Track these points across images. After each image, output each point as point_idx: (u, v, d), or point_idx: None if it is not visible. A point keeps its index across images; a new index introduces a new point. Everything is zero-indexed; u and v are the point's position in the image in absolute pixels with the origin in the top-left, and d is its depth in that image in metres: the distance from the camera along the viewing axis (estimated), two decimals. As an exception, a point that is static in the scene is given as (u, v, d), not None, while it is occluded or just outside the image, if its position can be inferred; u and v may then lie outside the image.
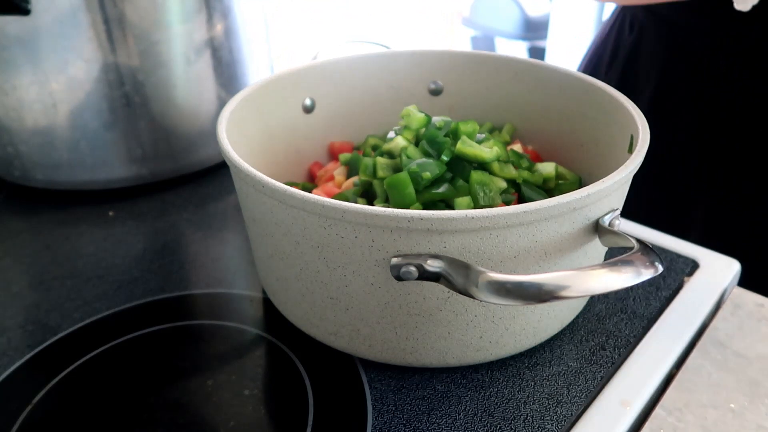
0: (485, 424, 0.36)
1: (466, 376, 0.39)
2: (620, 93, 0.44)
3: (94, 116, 0.56)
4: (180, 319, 0.45)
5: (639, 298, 0.46)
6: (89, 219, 0.58)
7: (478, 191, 0.40)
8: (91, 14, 0.53)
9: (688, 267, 0.49)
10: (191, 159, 0.63)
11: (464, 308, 0.35)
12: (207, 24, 0.59)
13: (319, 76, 0.53)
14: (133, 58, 0.56)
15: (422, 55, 0.55)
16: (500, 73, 0.53)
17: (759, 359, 0.41)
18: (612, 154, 0.44)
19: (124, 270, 0.50)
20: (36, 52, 0.53)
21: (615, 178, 0.34)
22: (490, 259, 0.33)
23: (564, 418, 0.36)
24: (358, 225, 0.32)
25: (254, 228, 0.40)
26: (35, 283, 0.49)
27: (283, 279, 0.40)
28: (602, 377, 0.39)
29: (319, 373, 0.40)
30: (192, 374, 0.40)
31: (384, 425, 0.36)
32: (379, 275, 0.34)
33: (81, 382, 0.40)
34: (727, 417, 0.37)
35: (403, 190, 0.39)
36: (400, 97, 0.56)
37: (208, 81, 0.61)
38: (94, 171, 0.59)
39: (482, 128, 0.53)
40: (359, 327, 0.38)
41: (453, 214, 0.31)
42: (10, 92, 0.55)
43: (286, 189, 0.33)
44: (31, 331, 0.44)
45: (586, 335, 0.42)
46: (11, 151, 0.58)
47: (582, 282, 0.29)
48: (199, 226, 0.56)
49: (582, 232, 0.35)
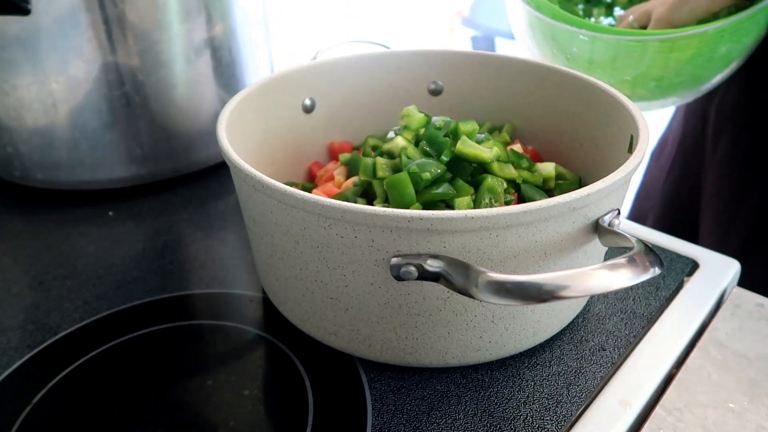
0: (485, 424, 0.36)
1: (466, 376, 0.39)
2: (620, 93, 0.44)
3: (93, 116, 0.56)
4: (180, 319, 0.45)
5: (639, 298, 0.46)
6: (89, 219, 0.58)
7: (484, 196, 0.40)
8: (91, 14, 0.53)
9: (688, 267, 0.49)
10: (191, 159, 0.63)
11: (464, 308, 0.35)
12: (207, 24, 0.59)
13: (319, 76, 0.53)
14: (133, 58, 0.56)
15: (422, 55, 0.55)
16: (500, 73, 0.53)
17: (759, 359, 0.41)
18: (612, 154, 0.44)
19: (124, 270, 0.50)
20: (36, 52, 0.53)
21: (615, 178, 0.34)
22: (490, 259, 0.33)
23: (564, 418, 0.36)
24: (358, 225, 0.32)
25: (254, 228, 0.40)
26: (35, 283, 0.49)
27: (283, 279, 0.40)
28: (602, 377, 0.39)
29: (319, 373, 0.40)
30: (192, 374, 0.40)
31: (384, 425, 0.36)
32: (379, 275, 0.34)
33: (81, 382, 0.40)
34: (727, 417, 0.37)
35: (403, 190, 0.39)
36: (400, 97, 0.56)
37: (208, 81, 0.61)
38: (94, 171, 0.59)
39: (482, 128, 0.53)
40: (359, 327, 0.38)
41: (453, 214, 0.31)
42: (10, 92, 0.55)
43: (286, 189, 0.33)
44: (31, 331, 0.44)
45: (586, 335, 0.42)
46: (11, 151, 0.58)
47: (582, 282, 0.29)
48: (199, 226, 0.56)
49: (582, 232, 0.35)
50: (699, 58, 0.57)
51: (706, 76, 0.60)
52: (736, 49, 0.58)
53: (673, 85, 0.61)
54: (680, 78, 0.60)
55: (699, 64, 0.58)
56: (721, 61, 0.59)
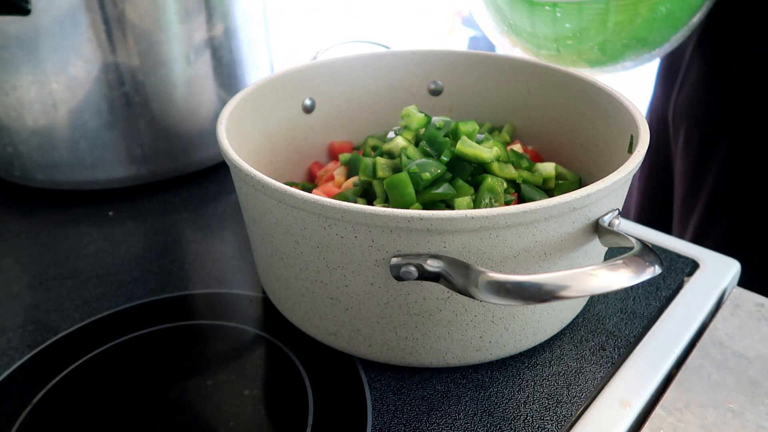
0: (485, 424, 0.36)
1: (466, 376, 0.39)
2: (620, 93, 0.44)
3: (93, 116, 0.56)
4: (180, 319, 0.45)
5: (639, 298, 0.46)
6: (89, 219, 0.58)
7: (484, 196, 0.40)
8: (91, 14, 0.53)
9: (688, 267, 0.49)
10: (191, 159, 0.63)
11: (464, 308, 0.35)
12: (207, 24, 0.59)
13: (319, 76, 0.53)
14: (133, 58, 0.56)
15: (422, 55, 0.55)
16: (500, 73, 0.53)
17: (759, 359, 0.41)
18: (612, 154, 0.44)
19: (124, 270, 0.50)
20: (36, 52, 0.53)
21: (615, 178, 0.34)
22: (490, 259, 0.33)
23: (564, 418, 0.36)
24: (357, 225, 0.32)
25: (254, 228, 0.40)
26: (35, 283, 0.49)
27: (282, 279, 0.40)
28: (602, 377, 0.39)
29: (319, 373, 0.40)
30: (192, 374, 0.40)
31: (384, 425, 0.36)
32: (379, 275, 0.34)
33: (81, 382, 0.40)
34: (727, 417, 0.37)
35: (403, 190, 0.39)
36: (400, 97, 0.56)
37: (208, 81, 0.61)
38: (94, 171, 0.59)
39: (482, 128, 0.53)
40: (359, 327, 0.38)
41: (453, 214, 0.31)
42: (10, 92, 0.55)
43: (286, 189, 0.33)
44: (31, 331, 0.44)
45: (586, 335, 0.42)
46: (11, 151, 0.58)
47: (582, 282, 0.29)
48: (199, 226, 0.56)
49: (582, 232, 0.35)
50: (638, 18, 0.56)
51: (655, 39, 0.59)
52: (680, 9, 0.57)
53: (619, 49, 0.59)
54: (623, 40, 0.58)
55: (641, 26, 0.57)
56: (665, 23, 0.57)
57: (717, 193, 0.66)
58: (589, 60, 0.61)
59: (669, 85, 0.73)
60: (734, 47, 0.63)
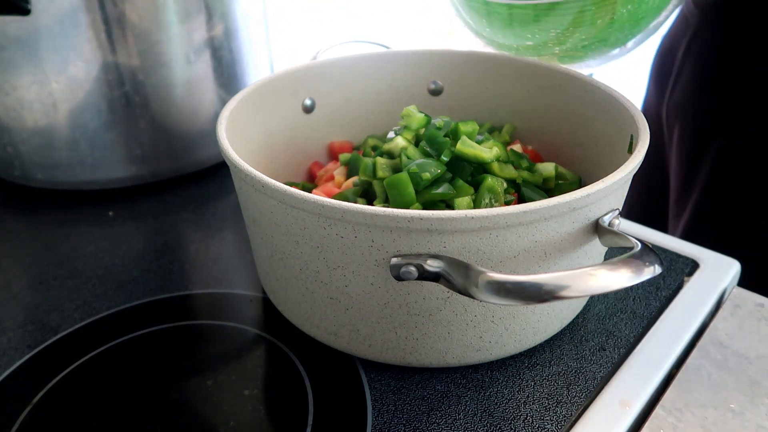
0: (485, 424, 0.36)
1: (466, 376, 0.39)
2: (620, 93, 0.44)
3: (93, 116, 0.56)
4: (180, 319, 0.45)
5: (639, 298, 0.46)
6: (89, 219, 0.58)
7: (484, 197, 0.40)
8: (91, 14, 0.53)
9: (688, 267, 0.49)
10: (191, 159, 0.63)
11: (464, 308, 0.35)
12: (207, 24, 0.59)
13: (319, 76, 0.53)
14: (133, 58, 0.56)
15: (422, 55, 0.55)
16: (500, 73, 0.53)
17: (759, 359, 0.41)
18: (612, 154, 0.44)
19: (124, 270, 0.50)
20: (36, 52, 0.53)
21: (615, 178, 0.34)
22: (490, 259, 0.33)
23: (564, 418, 0.36)
24: (357, 225, 0.32)
25: (254, 228, 0.40)
26: (35, 283, 0.49)
27: (283, 279, 0.40)
28: (602, 377, 0.39)
29: (319, 373, 0.40)
30: (192, 374, 0.40)
31: (384, 425, 0.36)
32: (379, 275, 0.34)
33: (81, 382, 0.40)
34: (727, 417, 0.37)
35: (403, 190, 0.39)
36: (400, 97, 0.56)
37: (208, 81, 0.61)
38: (94, 171, 0.59)
39: (482, 128, 0.53)
40: (359, 327, 0.38)
41: (453, 214, 0.31)
42: (10, 92, 0.55)
43: (286, 189, 0.33)
44: (31, 331, 0.44)
45: (586, 335, 0.42)
46: (11, 151, 0.58)
47: (582, 282, 0.29)
48: (199, 226, 0.56)
49: (582, 232, 0.35)
50: (599, 21, 0.55)
51: (616, 39, 0.58)
52: (642, 10, 0.56)
53: (581, 50, 0.59)
54: (584, 42, 0.58)
55: (601, 28, 0.56)
56: (628, 23, 0.57)
57: (709, 191, 0.66)
58: (556, 57, 0.61)
59: (662, 84, 0.74)
60: (734, 47, 0.63)
